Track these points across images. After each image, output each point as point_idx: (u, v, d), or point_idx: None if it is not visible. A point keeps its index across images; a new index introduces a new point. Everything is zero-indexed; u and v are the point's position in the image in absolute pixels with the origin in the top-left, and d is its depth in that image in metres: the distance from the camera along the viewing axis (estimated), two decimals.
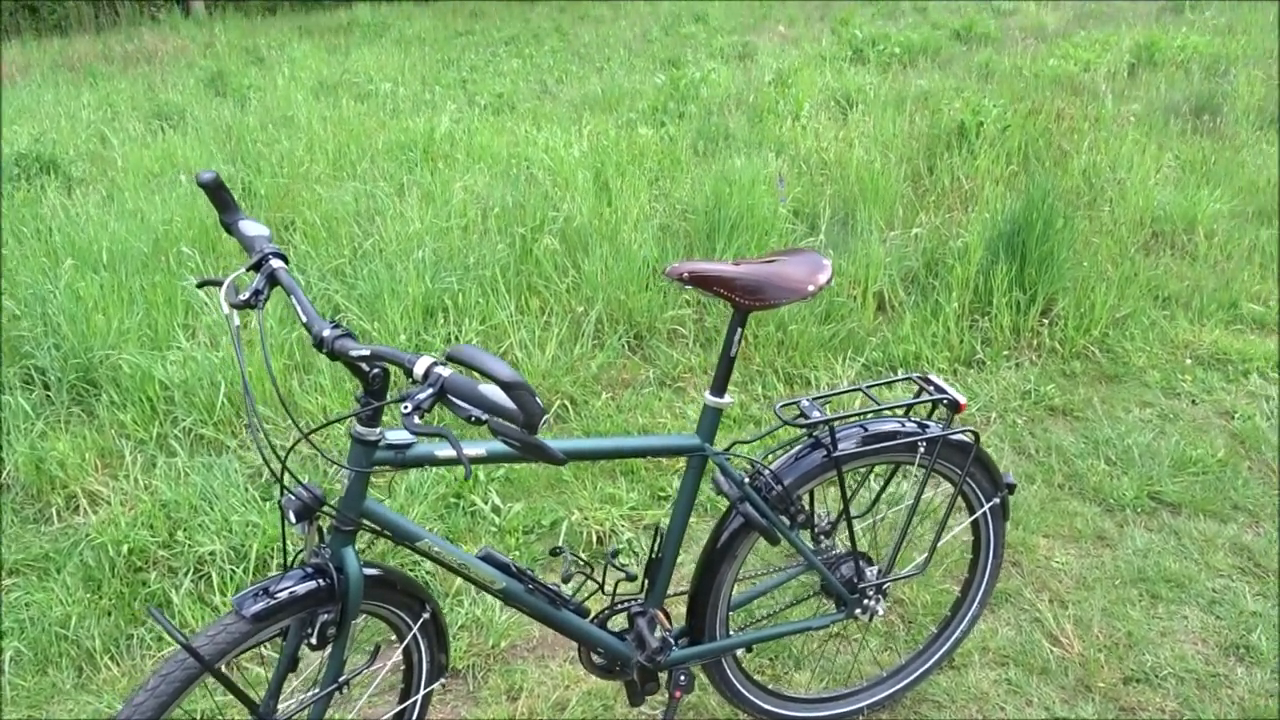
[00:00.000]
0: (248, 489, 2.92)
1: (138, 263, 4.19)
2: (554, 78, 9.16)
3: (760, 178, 4.61)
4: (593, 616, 1.87)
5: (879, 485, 2.20)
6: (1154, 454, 3.19)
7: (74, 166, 6.05)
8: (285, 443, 3.12)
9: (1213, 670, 2.35)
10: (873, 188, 4.74)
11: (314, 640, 1.53)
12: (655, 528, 2.13)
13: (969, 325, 3.93)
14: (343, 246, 4.42)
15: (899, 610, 2.57)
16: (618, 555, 2.26)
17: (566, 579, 1.81)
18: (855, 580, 2.03)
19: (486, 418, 1.25)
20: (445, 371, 1.28)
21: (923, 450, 1.93)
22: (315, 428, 1.62)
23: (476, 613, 2.56)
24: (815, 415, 1.85)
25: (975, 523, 2.15)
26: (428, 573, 2.69)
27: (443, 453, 1.56)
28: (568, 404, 3.52)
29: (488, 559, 1.70)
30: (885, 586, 2.08)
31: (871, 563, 2.07)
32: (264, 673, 2.35)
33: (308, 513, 1.48)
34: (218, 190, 1.57)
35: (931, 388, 1.95)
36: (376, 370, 1.41)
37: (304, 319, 1.45)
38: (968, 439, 1.98)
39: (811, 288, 1.77)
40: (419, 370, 1.30)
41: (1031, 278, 3.97)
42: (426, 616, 1.73)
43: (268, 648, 2.34)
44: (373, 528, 1.57)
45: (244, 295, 1.48)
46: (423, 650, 1.79)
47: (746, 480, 1.84)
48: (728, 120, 6.36)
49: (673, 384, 3.68)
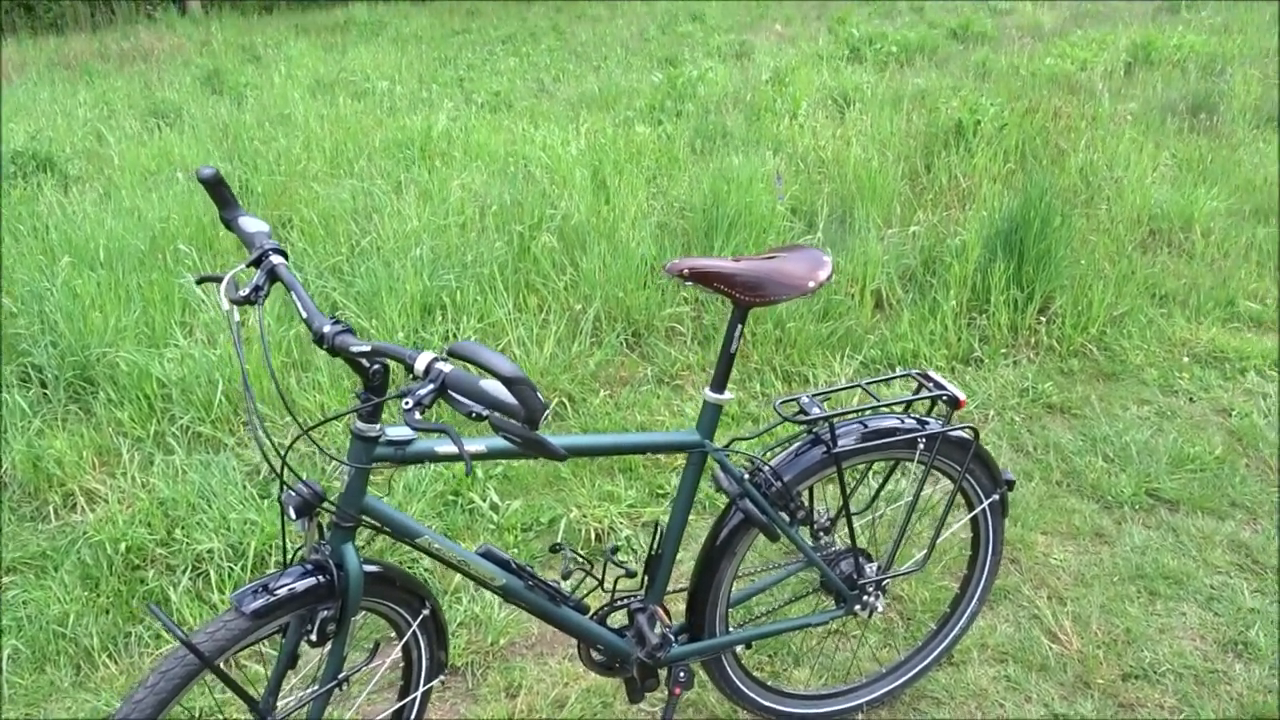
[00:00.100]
0: (246, 486, 2.92)
1: (135, 260, 4.19)
2: (551, 76, 9.16)
3: (758, 176, 4.61)
4: (592, 613, 1.87)
5: (878, 482, 2.21)
6: (1152, 451, 3.19)
7: (70, 164, 6.04)
8: (284, 440, 3.12)
9: (1211, 667, 2.35)
10: (870, 186, 4.74)
11: (313, 637, 1.53)
12: (655, 524, 2.14)
13: (967, 323, 3.94)
14: (340, 244, 4.41)
15: (898, 607, 2.57)
16: (617, 552, 2.26)
17: (566, 576, 1.81)
18: (854, 577, 2.03)
19: (487, 413, 1.24)
20: (446, 367, 1.28)
21: (922, 446, 1.93)
22: (315, 424, 1.62)
23: (475, 610, 2.56)
24: (815, 412, 1.85)
25: (974, 519, 2.15)
26: (427, 570, 2.68)
27: (443, 449, 1.55)
28: (566, 401, 3.52)
29: (487, 556, 1.70)
30: (884, 583, 2.08)
31: (871, 559, 2.07)
32: (263, 670, 2.35)
33: (307, 509, 1.48)
34: (218, 186, 1.57)
35: (930, 384, 1.95)
36: (377, 366, 1.41)
37: (304, 315, 1.45)
38: (967, 435, 1.98)
39: (812, 284, 1.76)
40: (420, 366, 1.29)
41: (1029, 276, 3.97)
42: (426, 613, 1.72)
43: (267, 645, 2.34)
44: (373, 524, 1.57)
45: (244, 291, 1.48)
46: (422, 647, 1.79)
47: (746, 477, 1.84)
48: (725, 119, 6.35)
49: (671, 381, 3.68)
